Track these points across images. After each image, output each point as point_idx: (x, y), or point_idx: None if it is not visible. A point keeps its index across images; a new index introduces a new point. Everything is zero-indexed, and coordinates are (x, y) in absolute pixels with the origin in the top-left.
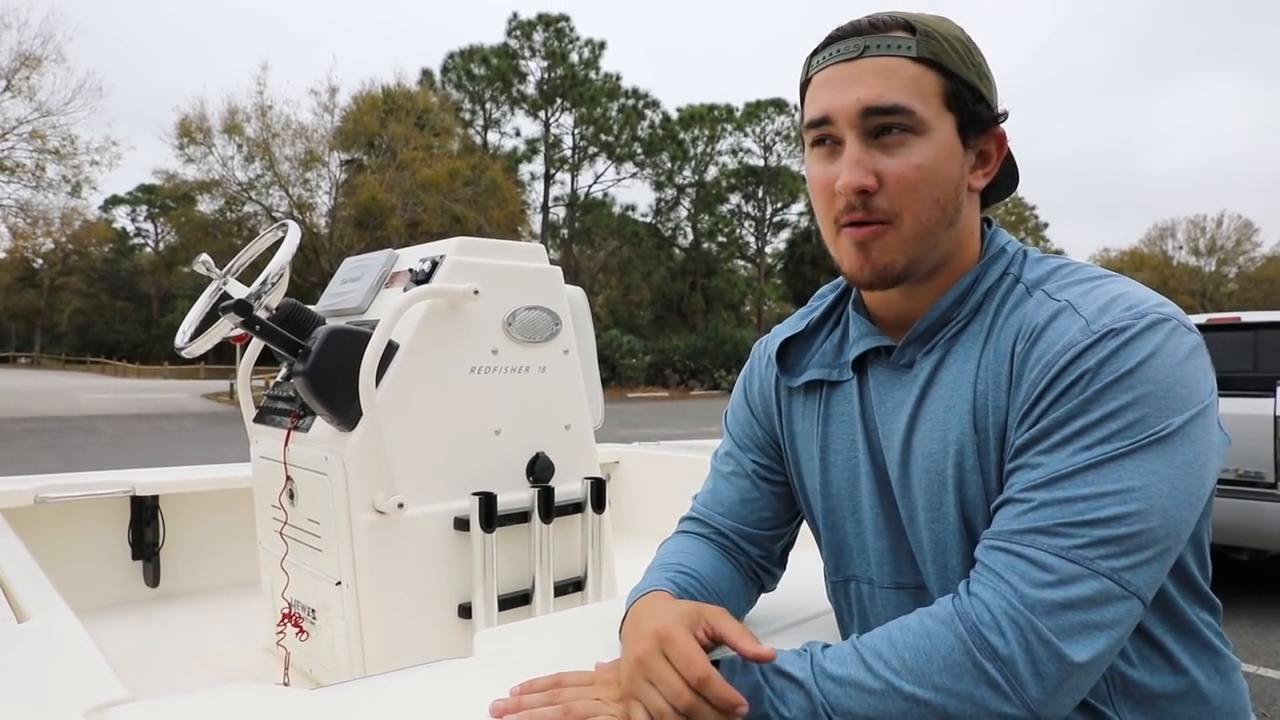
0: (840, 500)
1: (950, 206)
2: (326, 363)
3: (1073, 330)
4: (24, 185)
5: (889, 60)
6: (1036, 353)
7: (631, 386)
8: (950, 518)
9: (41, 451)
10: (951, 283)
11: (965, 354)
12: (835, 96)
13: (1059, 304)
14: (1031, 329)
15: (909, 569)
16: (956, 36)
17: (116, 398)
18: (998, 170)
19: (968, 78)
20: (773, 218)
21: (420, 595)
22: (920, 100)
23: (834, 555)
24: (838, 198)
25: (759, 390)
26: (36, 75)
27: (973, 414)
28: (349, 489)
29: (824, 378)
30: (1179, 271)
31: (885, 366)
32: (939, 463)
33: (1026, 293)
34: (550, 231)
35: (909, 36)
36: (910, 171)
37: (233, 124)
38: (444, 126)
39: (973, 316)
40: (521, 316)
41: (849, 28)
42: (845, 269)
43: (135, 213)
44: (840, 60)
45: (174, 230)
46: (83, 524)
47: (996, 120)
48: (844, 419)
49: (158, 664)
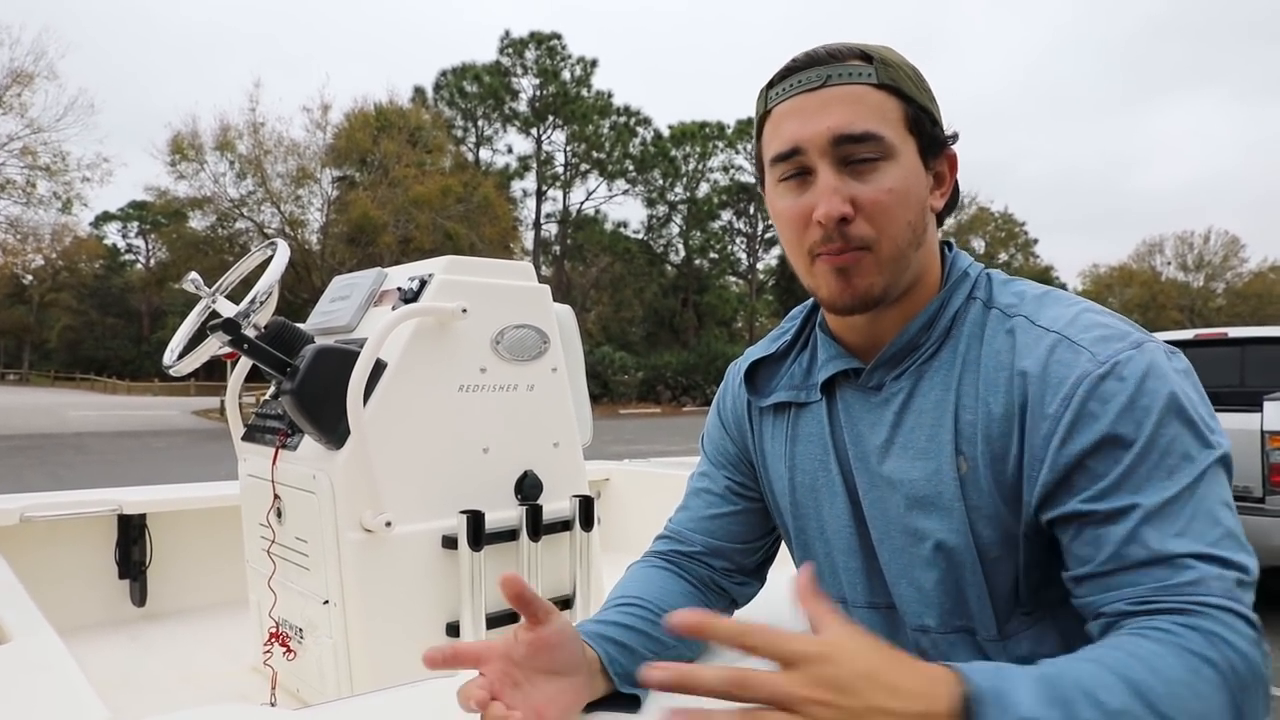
0: (808, 519)
1: (919, 227)
2: (314, 381)
3: (1081, 363)
4: (14, 201)
5: (853, 88)
6: (1051, 388)
7: (623, 403)
8: (927, 541)
9: (29, 469)
10: (917, 306)
11: (940, 381)
12: (803, 126)
13: (1054, 336)
14: (1036, 361)
15: (881, 588)
16: (908, 64)
17: (106, 415)
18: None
19: (924, 102)
20: (764, 234)
21: (408, 614)
22: (887, 126)
23: None
24: (812, 229)
25: (731, 409)
26: (28, 92)
27: (955, 441)
28: (337, 507)
29: (792, 399)
30: (1167, 287)
31: (854, 389)
32: (919, 489)
33: (1004, 316)
34: (542, 248)
35: (867, 65)
36: (884, 196)
37: (225, 141)
38: (436, 143)
39: (942, 342)
40: (510, 335)
41: (805, 59)
42: (823, 296)
43: (126, 229)
44: (803, 90)
45: (165, 246)
46: (69, 543)
47: (949, 142)
48: (812, 439)
49: (144, 684)
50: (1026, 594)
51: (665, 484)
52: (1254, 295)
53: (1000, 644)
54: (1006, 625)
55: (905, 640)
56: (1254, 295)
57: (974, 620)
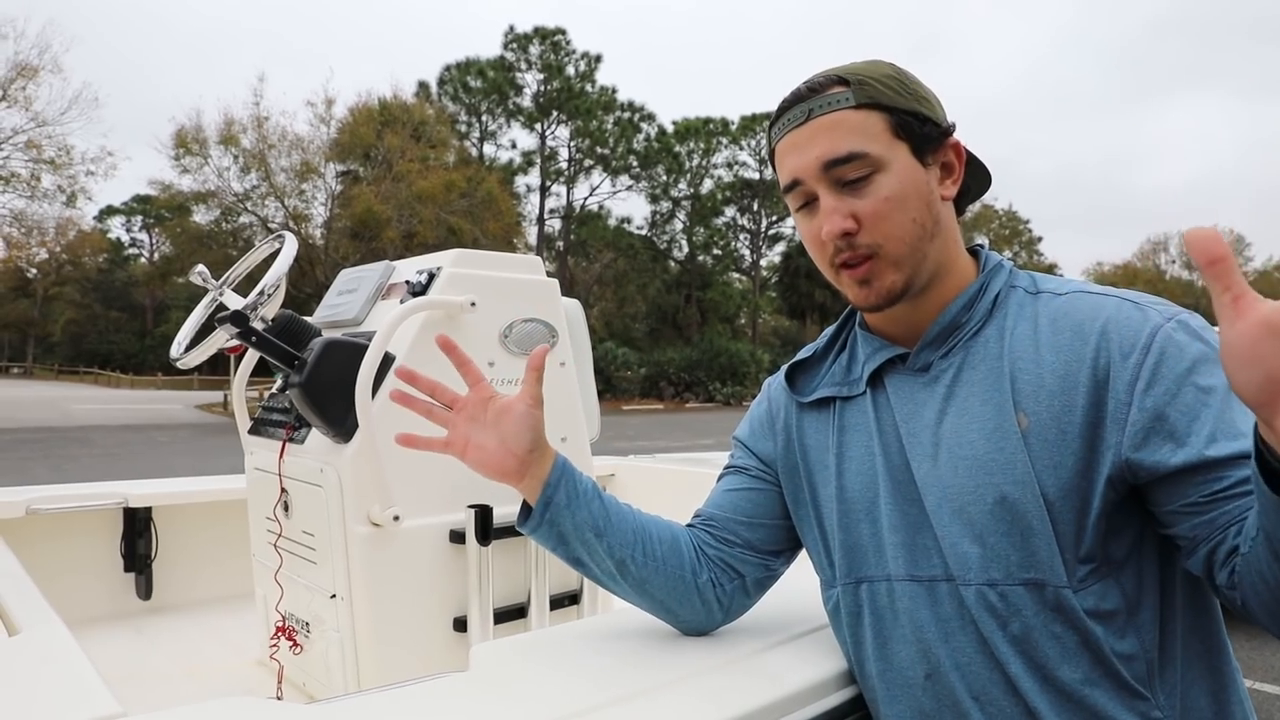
0: (856, 503)
1: (928, 220)
2: (322, 374)
3: (1152, 317)
4: (19, 195)
5: (833, 115)
6: (1127, 339)
7: (626, 399)
8: (987, 498)
9: (33, 462)
10: (953, 291)
11: (991, 352)
12: (798, 160)
13: (1114, 299)
14: (1095, 319)
15: (924, 560)
16: (887, 74)
17: (109, 408)
18: (964, 174)
19: (907, 107)
20: (768, 231)
21: (415, 608)
22: (870, 141)
23: (847, 558)
24: (826, 245)
25: (767, 411)
26: (33, 85)
27: (1014, 399)
28: (344, 501)
29: (836, 394)
30: (1172, 285)
31: (903, 374)
32: (978, 449)
33: (1054, 296)
34: (546, 243)
35: (845, 89)
36: (881, 205)
37: (229, 135)
38: (440, 138)
39: (987, 319)
40: (518, 329)
41: (792, 97)
42: (852, 299)
43: (130, 223)
44: (792, 128)
45: (169, 241)
46: (75, 536)
47: (947, 133)
48: (859, 428)
49: (150, 677)
50: (1094, 545)
51: (671, 479)
52: (1259, 294)
53: (1071, 592)
54: (1074, 574)
55: (946, 612)
56: (1259, 294)
57: (1043, 570)
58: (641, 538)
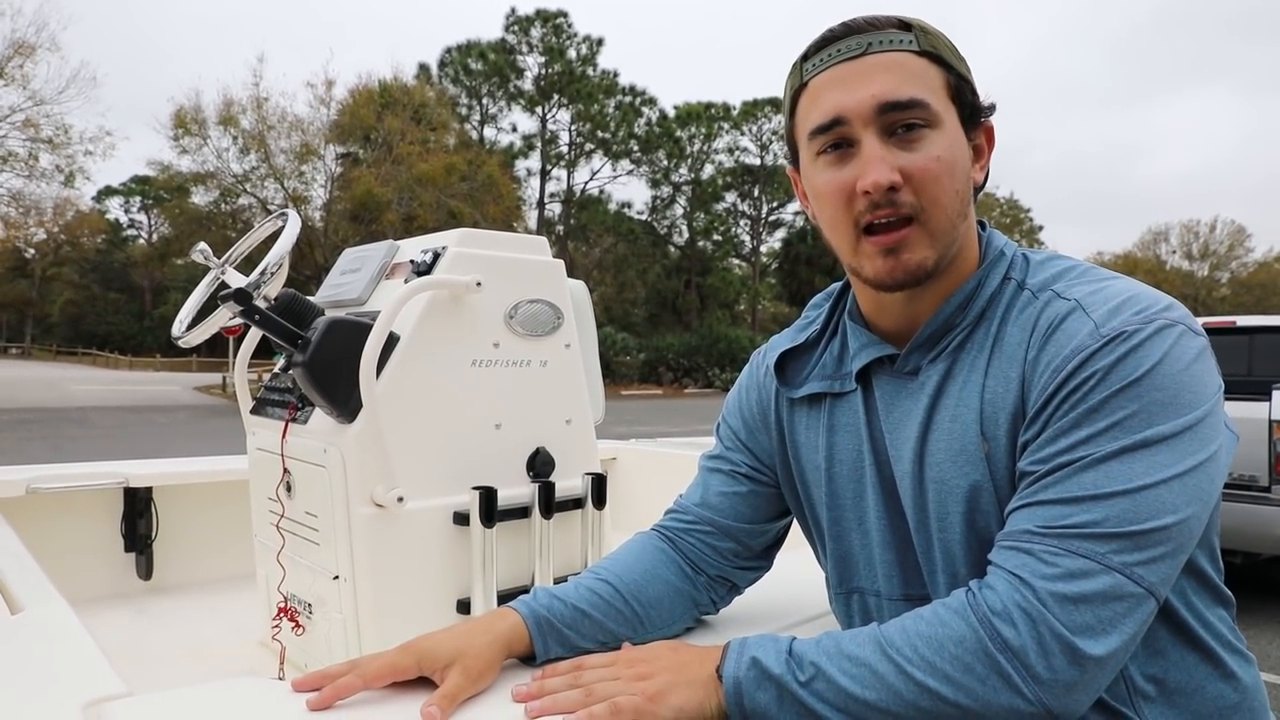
0: (846, 511)
1: (965, 199)
2: (326, 354)
3: (1081, 334)
4: (16, 174)
5: (895, 55)
6: (1046, 356)
7: (625, 384)
8: (957, 527)
9: (31, 443)
10: (955, 284)
11: (972, 363)
12: (847, 95)
13: (1069, 303)
14: (1045, 327)
15: (916, 580)
16: (944, 33)
17: (108, 389)
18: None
19: (963, 71)
20: (768, 217)
21: (419, 590)
22: (931, 93)
23: (839, 567)
24: (857, 199)
25: (758, 400)
26: (30, 63)
27: (980, 422)
28: (348, 482)
29: (826, 390)
30: (1172, 276)
31: (890, 376)
32: (948, 472)
33: (1033, 296)
34: (546, 228)
35: (906, 32)
36: (933, 164)
37: (228, 116)
38: (440, 121)
39: (977, 324)
40: (524, 310)
41: (843, 29)
42: (869, 274)
43: (129, 204)
44: (843, 59)
45: (167, 222)
46: (75, 515)
47: (987, 113)
48: (849, 429)
49: (151, 657)
50: None
51: (671, 463)
52: (1259, 285)
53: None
54: None
55: None
56: (1259, 285)
57: None
58: (634, 624)
